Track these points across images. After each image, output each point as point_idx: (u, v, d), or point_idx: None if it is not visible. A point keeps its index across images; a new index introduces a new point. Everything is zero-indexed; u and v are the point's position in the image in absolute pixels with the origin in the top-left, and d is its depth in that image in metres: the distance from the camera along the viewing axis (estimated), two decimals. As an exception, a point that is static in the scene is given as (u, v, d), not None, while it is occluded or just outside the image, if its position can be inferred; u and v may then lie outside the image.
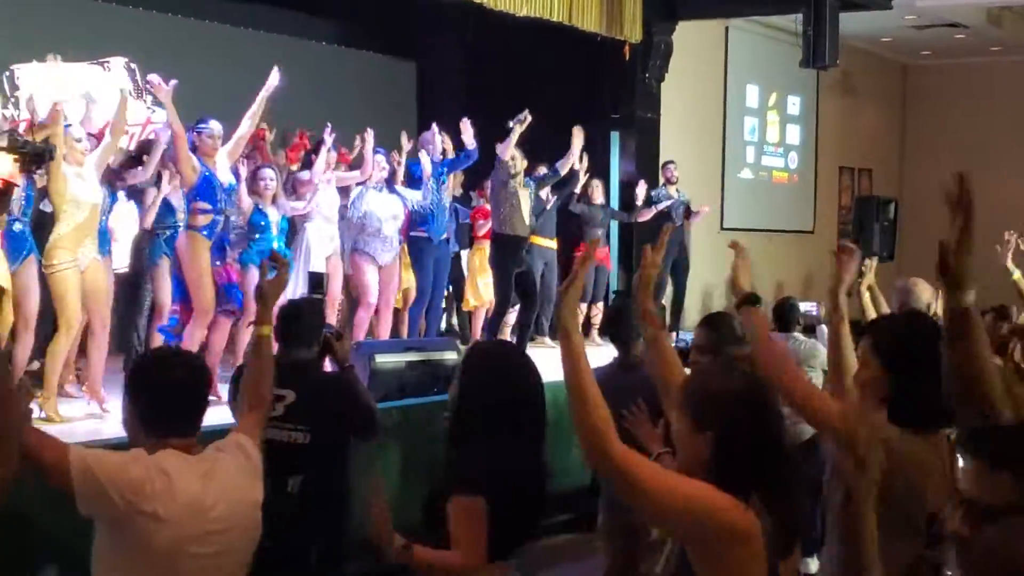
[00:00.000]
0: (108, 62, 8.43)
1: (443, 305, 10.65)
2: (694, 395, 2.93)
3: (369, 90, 13.33)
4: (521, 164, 9.71)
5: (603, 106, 13.83)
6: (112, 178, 8.13)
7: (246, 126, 8.18)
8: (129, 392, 3.32)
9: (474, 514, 3.49)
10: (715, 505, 2.71)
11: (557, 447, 8.15)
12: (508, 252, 9.61)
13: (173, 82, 7.67)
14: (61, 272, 7.11)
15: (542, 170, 10.88)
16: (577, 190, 12.15)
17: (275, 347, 5.55)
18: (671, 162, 13.37)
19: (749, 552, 2.72)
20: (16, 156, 6.53)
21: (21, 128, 7.61)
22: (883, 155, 19.91)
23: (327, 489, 4.98)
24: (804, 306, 9.65)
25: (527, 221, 9.57)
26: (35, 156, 6.55)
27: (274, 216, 8.69)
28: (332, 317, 9.16)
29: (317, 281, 7.42)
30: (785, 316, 7.93)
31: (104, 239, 7.65)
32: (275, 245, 8.68)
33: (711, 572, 2.74)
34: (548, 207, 11.36)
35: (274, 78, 8.10)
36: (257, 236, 8.62)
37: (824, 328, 7.76)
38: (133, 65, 8.44)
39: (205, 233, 7.84)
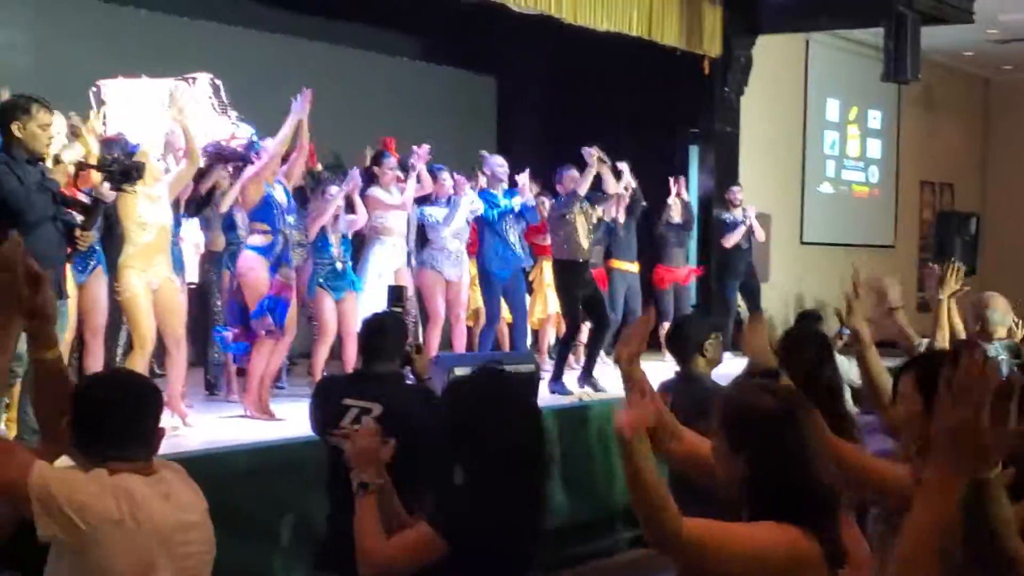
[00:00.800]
0: (193, 78, 8.52)
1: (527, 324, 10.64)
2: (728, 415, 2.91)
3: (449, 105, 13.41)
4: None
5: (682, 120, 13.83)
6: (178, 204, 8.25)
7: (273, 148, 8.24)
8: (74, 420, 3.12)
9: (422, 543, 3.46)
10: (778, 545, 2.72)
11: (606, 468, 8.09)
12: (570, 276, 9.59)
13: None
14: (130, 293, 7.14)
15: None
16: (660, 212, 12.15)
17: (356, 360, 5.59)
18: (736, 185, 13.25)
19: None
20: (105, 173, 6.68)
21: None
22: (965, 170, 19.67)
23: (409, 501, 5.01)
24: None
25: (585, 244, 9.54)
26: (123, 173, 6.67)
27: (335, 240, 8.81)
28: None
29: (397, 295, 7.46)
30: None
31: (176, 258, 7.74)
32: (339, 266, 8.78)
33: None
34: (621, 232, 11.36)
35: (302, 103, 8.16)
36: (321, 262, 8.77)
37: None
38: (218, 81, 8.53)
39: (262, 253, 7.95)
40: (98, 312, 7.47)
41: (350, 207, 9.23)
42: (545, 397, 8.69)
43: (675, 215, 12.32)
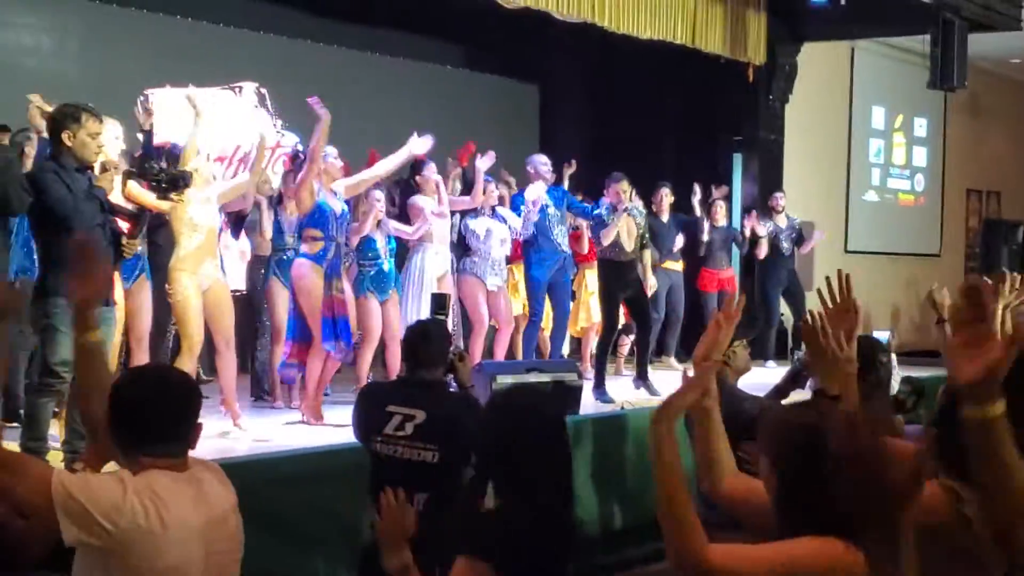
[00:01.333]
0: (240, 87, 8.60)
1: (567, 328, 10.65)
2: (765, 431, 2.92)
3: (493, 113, 13.45)
4: (628, 195, 9.72)
5: (726, 128, 13.78)
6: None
7: (379, 172, 8.49)
8: (110, 414, 3.15)
9: None
10: (818, 559, 2.71)
11: (642, 476, 8.11)
12: (613, 277, 9.64)
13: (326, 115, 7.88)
14: (181, 296, 7.22)
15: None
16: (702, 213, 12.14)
17: (401, 367, 5.61)
18: (779, 191, 13.22)
19: None
20: (153, 183, 6.75)
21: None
22: (1012, 177, 19.51)
23: (451, 508, 5.02)
24: (876, 334, 9.56)
25: (629, 247, 9.57)
26: (170, 183, 6.74)
27: (381, 240, 8.86)
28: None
29: (440, 302, 7.50)
30: None
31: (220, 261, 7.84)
32: (386, 267, 8.85)
33: None
34: (666, 232, 11.44)
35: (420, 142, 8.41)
36: (367, 263, 8.80)
37: (893, 356, 7.71)
38: (263, 90, 8.60)
39: (315, 260, 7.98)
40: (143, 318, 7.65)
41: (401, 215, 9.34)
42: (586, 404, 8.68)
43: (720, 218, 12.30)
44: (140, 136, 8.45)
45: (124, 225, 6.54)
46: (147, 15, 10.69)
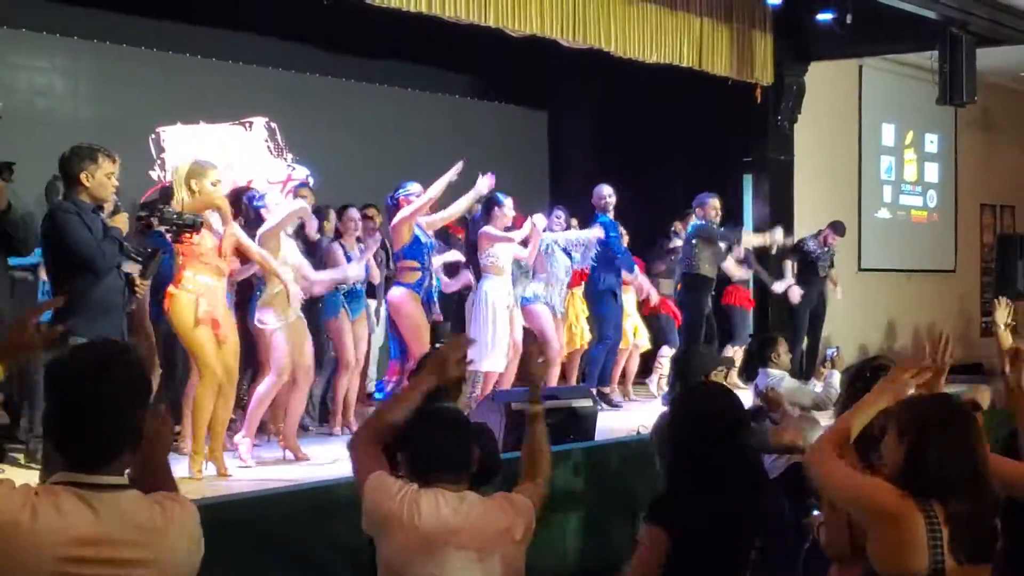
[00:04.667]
0: (250, 122, 8.70)
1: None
2: (901, 409, 3.52)
3: (502, 141, 13.49)
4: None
5: (735, 149, 13.80)
6: None
7: (444, 216, 8.87)
8: (404, 444, 4.00)
9: (648, 542, 3.98)
10: (872, 490, 3.37)
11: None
12: (702, 292, 10.41)
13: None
14: (272, 328, 7.52)
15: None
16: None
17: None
18: (838, 233, 13.23)
19: (900, 534, 3.26)
20: (168, 227, 6.84)
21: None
22: (1026, 191, 19.47)
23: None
24: (829, 351, 9.61)
25: (713, 265, 10.13)
26: (185, 227, 6.83)
27: None
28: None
29: (441, 332, 7.55)
30: (761, 353, 7.95)
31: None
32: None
33: (871, 548, 3.34)
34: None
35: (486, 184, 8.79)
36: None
37: (836, 373, 7.70)
38: (273, 125, 8.70)
39: (413, 288, 8.35)
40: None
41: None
42: (602, 430, 8.63)
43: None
44: (156, 174, 8.53)
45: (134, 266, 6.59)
46: (156, 54, 10.74)
